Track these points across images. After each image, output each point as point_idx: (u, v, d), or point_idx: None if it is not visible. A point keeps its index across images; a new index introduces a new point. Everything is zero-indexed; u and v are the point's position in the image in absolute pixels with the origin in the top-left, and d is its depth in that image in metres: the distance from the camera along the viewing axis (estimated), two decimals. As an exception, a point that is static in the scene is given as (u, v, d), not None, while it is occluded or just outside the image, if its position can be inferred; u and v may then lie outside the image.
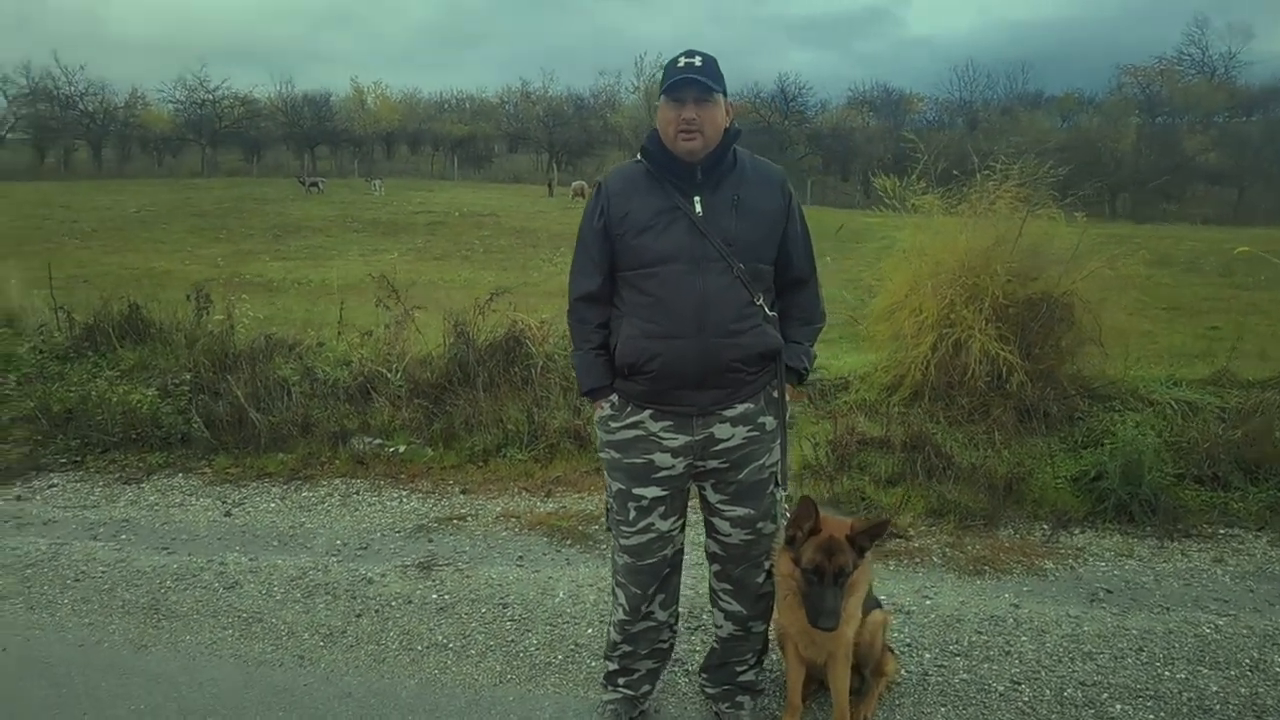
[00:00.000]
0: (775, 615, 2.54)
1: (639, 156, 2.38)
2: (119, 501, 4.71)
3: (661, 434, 2.35)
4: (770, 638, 2.70)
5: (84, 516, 4.46)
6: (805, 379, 2.52)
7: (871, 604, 2.65)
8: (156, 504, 4.69)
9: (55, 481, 5.02)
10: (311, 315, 8.85)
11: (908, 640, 3.12)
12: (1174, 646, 3.07)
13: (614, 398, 2.39)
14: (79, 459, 5.32)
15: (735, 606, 2.54)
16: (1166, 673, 2.91)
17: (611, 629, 2.59)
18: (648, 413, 2.35)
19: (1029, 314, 5.34)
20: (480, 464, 5.21)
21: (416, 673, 2.95)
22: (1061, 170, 5.85)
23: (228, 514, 4.55)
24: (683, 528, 2.51)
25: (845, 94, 56.25)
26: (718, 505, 2.45)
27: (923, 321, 5.41)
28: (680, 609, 2.69)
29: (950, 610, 3.35)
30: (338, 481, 5.01)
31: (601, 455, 2.46)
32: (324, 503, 4.72)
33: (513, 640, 3.16)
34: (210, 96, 51.96)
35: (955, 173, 5.89)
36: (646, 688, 2.62)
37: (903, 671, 2.90)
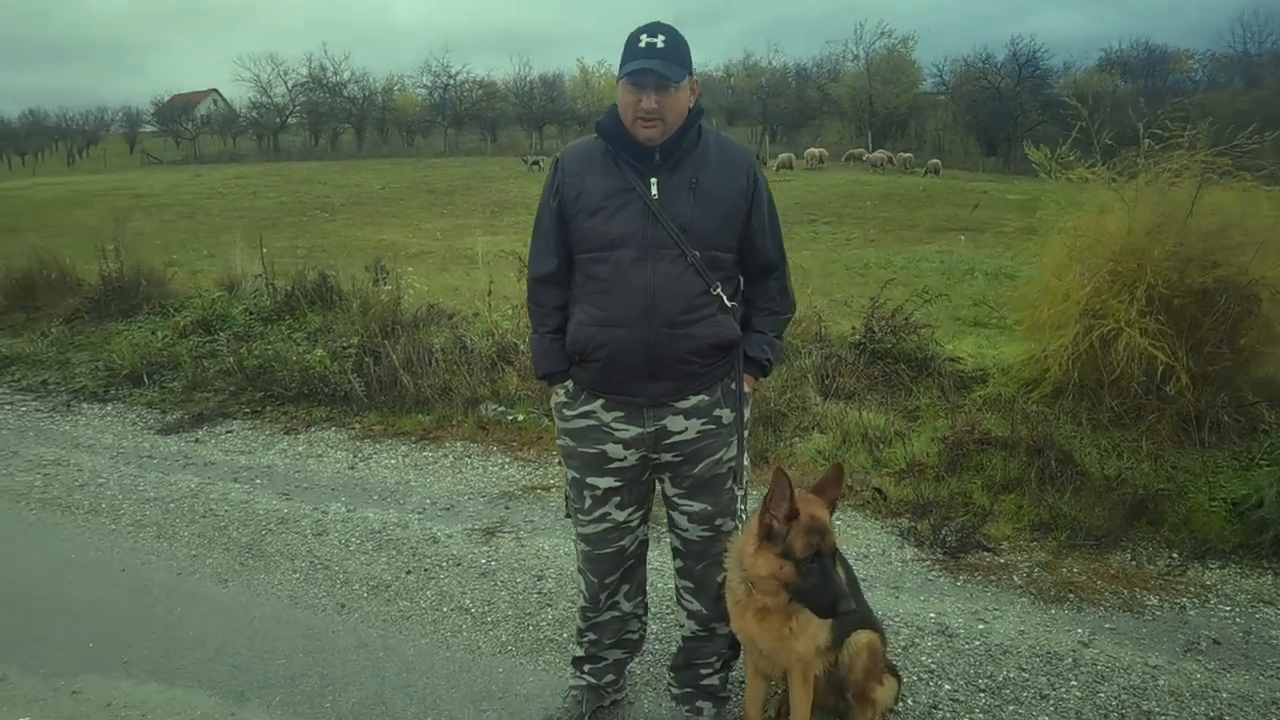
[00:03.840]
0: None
1: (595, 134, 2.30)
2: (272, 450, 5.37)
3: (613, 425, 2.30)
4: (743, 643, 2.56)
5: (237, 461, 5.15)
6: (769, 371, 2.35)
7: (859, 621, 2.43)
8: (300, 454, 5.30)
9: (233, 428, 5.81)
10: (495, 286, 9.48)
11: (932, 665, 2.82)
12: (1270, 718, 2.53)
13: (569, 384, 2.36)
14: (260, 409, 6.11)
15: (696, 606, 2.44)
16: (1240, 749, 2.41)
17: (577, 615, 2.59)
18: (599, 402, 2.31)
19: (1201, 307, 4.53)
20: (585, 437, 5.35)
21: (431, 633, 3.13)
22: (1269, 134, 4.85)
23: (352, 467, 5.04)
24: (644, 519, 2.45)
25: (1098, 54, 50.10)
26: (675, 499, 2.37)
27: (1066, 311, 4.77)
28: (652, 602, 2.62)
29: (1002, 639, 2.98)
30: (459, 444, 5.37)
31: (558, 442, 2.44)
32: (437, 463, 5.08)
33: (530, 613, 3.26)
34: (452, 81, 56.68)
35: (1158, 139, 5.04)
36: (611, 677, 2.60)
37: (908, 700, 2.64)
